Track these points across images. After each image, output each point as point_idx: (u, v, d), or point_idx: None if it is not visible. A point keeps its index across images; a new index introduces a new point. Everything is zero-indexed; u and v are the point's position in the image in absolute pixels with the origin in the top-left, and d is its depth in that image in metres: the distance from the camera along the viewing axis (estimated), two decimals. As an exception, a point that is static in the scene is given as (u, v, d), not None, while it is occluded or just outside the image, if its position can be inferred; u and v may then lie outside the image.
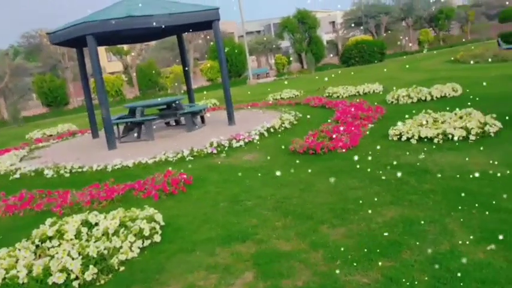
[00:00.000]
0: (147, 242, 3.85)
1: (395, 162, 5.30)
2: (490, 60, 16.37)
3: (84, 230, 4.10)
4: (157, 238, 3.90)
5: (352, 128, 7.23)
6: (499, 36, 22.19)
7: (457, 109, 6.97)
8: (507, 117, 6.32)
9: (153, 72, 29.19)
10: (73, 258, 3.46)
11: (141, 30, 9.58)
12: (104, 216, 4.28)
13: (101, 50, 31.22)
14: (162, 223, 4.18)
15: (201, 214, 4.47)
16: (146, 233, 3.87)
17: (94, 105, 11.40)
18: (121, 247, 3.70)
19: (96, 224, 4.20)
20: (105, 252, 3.59)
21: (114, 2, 9.58)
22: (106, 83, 26.02)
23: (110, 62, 40.25)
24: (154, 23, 8.17)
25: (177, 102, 10.18)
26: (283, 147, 6.92)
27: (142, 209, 4.34)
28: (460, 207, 3.72)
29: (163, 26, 8.50)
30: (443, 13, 38.80)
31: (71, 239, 3.93)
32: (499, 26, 33.85)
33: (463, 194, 3.99)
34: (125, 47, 28.99)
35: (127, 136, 10.02)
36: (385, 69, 19.77)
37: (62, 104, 26.83)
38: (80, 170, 7.27)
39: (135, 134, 9.61)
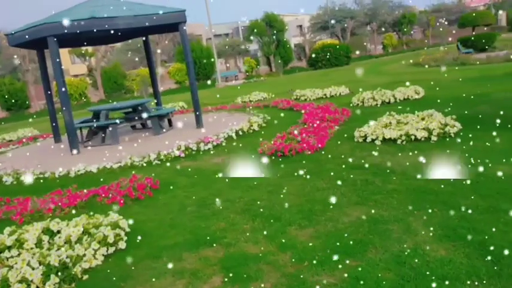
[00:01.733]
0: (111, 249, 3.75)
1: (360, 163, 5.40)
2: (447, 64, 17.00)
3: (46, 238, 3.96)
4: (122, 245, 3.80)
5: (320, 130, 7.32)
6: (459, 41, 23.09)
7: (420, 111, 7.19)
8: (468, 118, 6.58)
9: (119, 74, 28.61)
10: (33, 268, 3.33)
11: (106, 32, 9.36)
12: (66, 223, 4.15)
13: (64, 52, 30.40)
14: (128, 229, 4.08)
15: (168, 219, 4.40)
16: (111, 239, 3.76)
17: (56, 109, 11.04)
18: (84, 255, 3.59)
19: (58, 232, 4.06)
20: (68, 260, 3.47)
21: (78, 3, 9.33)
22: (69, 86, 25.34)
23: (73, 65, 39.20)
24: (118, 25, 8.00)
25: (143, 105, 10.01)
26: (251, 150, 6.92)
27: (106, 216, 4.22)
28: (422, 206, 3.82)
29: (128, 28, 8.34)
30: (406, 18, 40.10)
31: (31, 248, 3.78)
32: (458, 31, 35.25)
33: (425, 193, 4.11)
34: (89, 49, 28.29)
35: (91, 140, 9.77)
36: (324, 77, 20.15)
37: (23, 108, 25.88)
38: (41, 176, 7.01)
39: (100, 138, 9.37)
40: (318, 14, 40.60)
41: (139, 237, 3.98)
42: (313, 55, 30.11)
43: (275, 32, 31.41)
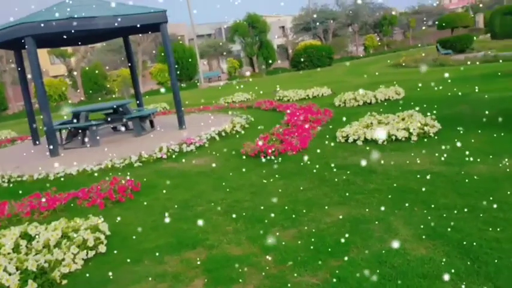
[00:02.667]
0: (91, 253, 3.69)
1: (342, 164, 5.44)
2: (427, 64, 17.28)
3: (23, 242, 3.86)
4: (102, 248, 3.74)
5: (302, 131, 7.34)
6: (438, 42, 23.49)
7: (400, 111, 7.28)
8: (446, 118, 6.69)
9: (99, 75, 28.22)
10: (10, 274, 3.24)
11: (85, 32, 9.22)
12: (44, 227, 4.07)
13: (43, 52, 29.80)
14: (108, 232, 4.02)
15: (150, 222, 4.35)
16: (90, 243, 3.70)
17: (35, 110, 10.81)
18: (63, 259, 3.52)
19: (37, 236, 3.96)
20: (46, 265, 3.40)
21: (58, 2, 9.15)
22: (49, 86, 24.86)
23: (52, 65, 38.49)
24: (98, 25, 7.89)
25: (123, 106, 9.87)
26: (234, 151, 6.90)
27: (86, 219, 4.16)
28: (403, 206, 3.87)
29: (108, 28, 8.23)
30: (387, 19, 40.65)
31: (9, 253, 3.69)
32: (438, 33, 35.87)
33: (405, 193, 4.16)
34: (69, 49, 27.83)
35: (71, 142, 9.60)
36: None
37: (0, 110, 25.28)
38: (19, 179, 6.85)
39: (80, 140, 9.22)
40: (300, 15, 40.80)
41: (120, 241, 3.92)
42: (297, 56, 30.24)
43: (258, 32, 31.41)
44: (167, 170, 6.41)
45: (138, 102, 11.88)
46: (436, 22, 37.51)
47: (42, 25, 7.79)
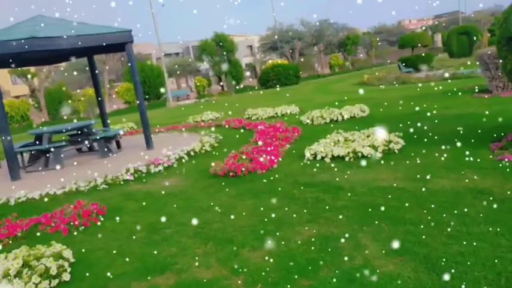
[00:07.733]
0: (54, 282, 3.52)
1: (311, 181, 5.49)
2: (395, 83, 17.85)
3: (-20, 273, 3.65)
4: (66, 277, 3.58)
5: (271, 149, 7.38)
6: (400, 61, 24.38)
7: (365, 128, 7.46)
8: (410, 135, 6.90)
9: (64, 95, 27.56)
10: (-36, 309, 3.05)
11: (48, 52, 9.01)
12: (4, 256, 3.87)
13: (4, 72, 28.89)
14: (72, 260, 3.86)
15: (116, 247, 4.21)
16: (53, 272, 3.53)
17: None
18: (24, 290, 3.35)
19: (-5, 266, 3.76)
20: (4, 297, 3.22)
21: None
22: (10, 107, 24.06)
23: (14, 85, 37.33)
24: (61, 45, 7.73)
25: (88, 126, 9.64)
26: (203, 170, 6.85)
27: (48, 246, 3.98)
28: (371, 222, 3.92)
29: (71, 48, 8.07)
30: (350, 39, 41.98)
31: (-37, 286, 3.47)
32: (399, 52, 37.26)
33: (373, 209, 4.22)
34: (32, 68, 27.08)
35: (33, 165, 9.25)
36: (287, 94, 20.66)
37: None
38: (-24, 205, 6.51)
39: (43, 163, 8.89)
40: (267, 34, 41.52)
41: (85, 268, 3.77)
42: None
43: (226, 51, 31.68)
44: (134, 192, 6.27)
45: (103, 122, 11.64)
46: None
47: (1, 45, 7.55)
